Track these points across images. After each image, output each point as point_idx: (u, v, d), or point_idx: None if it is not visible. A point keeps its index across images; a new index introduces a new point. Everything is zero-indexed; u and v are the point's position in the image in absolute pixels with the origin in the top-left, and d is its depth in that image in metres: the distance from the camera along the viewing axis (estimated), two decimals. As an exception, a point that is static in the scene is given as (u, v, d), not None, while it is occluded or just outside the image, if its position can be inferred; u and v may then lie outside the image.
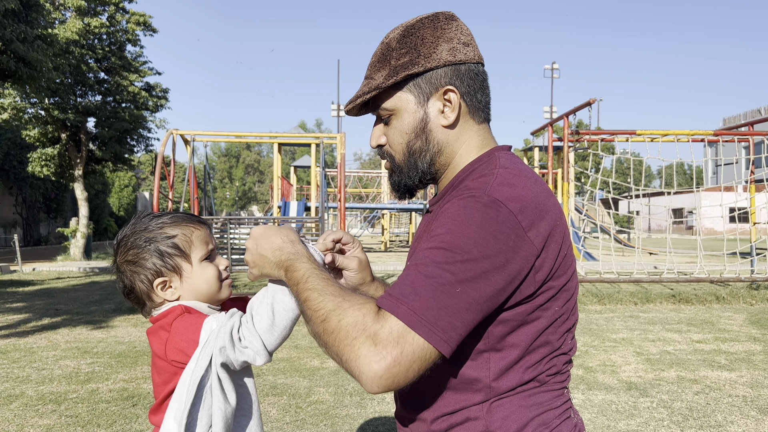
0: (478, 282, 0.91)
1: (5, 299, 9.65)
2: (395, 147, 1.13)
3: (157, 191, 8.90)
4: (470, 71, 1.09)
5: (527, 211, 0.96)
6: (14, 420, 3.86)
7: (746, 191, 19.42)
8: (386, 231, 27.18)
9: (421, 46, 1.07)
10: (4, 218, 28.34)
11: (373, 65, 1.12)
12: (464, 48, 1.09)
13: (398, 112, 1.10)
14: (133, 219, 1.29)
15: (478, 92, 1.11)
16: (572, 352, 1.10)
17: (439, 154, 1.11)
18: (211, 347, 1.13)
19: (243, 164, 72.92)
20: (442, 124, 1.09)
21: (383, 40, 1.13)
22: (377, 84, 1.09)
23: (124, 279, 1.26)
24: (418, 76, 1.08)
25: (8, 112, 16.22)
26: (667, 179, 57.73)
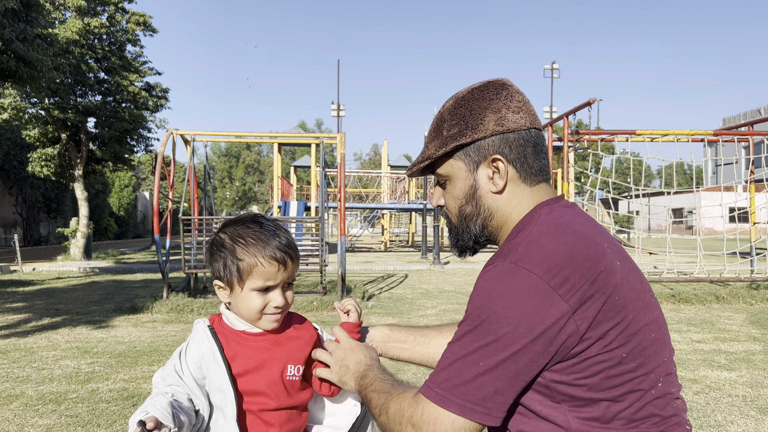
0: (501, 353, 0.96)
1: (5, 299, 9.65)
2: (450, 210, 1.22)
3: (157, 191, 8.90)
4: (520, 138, 1.13)
5: (555, 268, 0.96)
6: (14, 420, 3.86)
7: (746, 191, 19.42)
8: (386, 231, 27.18)
9: (469, 118, 1.13)
10: (4, 218, 28.33)
11: (430, 134, 1.21)
12: (513, 116, 1.12)
13: (451, 178, 1.18)
14: (248, 217, 1.35)
15: (530, 157, 1.14)
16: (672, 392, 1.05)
17: (491, 218, 1.17)
18: None
19: (243, 164, 72.91)
20: (492, 191, 1.15)
21: (440, 109, 1.21)
22: (429, 154, 1.18)
23: (206, 257, 1.36)
24: (466, 146, 1.14)
25: (8, 112, 16.21)
26: (667, 179, 57.73)
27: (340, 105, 34.29)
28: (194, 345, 1.28)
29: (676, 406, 1.05)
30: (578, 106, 9.47)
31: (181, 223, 8.74)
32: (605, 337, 0.97)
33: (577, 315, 0.95)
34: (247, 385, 1.27)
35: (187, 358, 1.27)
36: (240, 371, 1.27)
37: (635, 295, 1.02)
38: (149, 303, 8.39)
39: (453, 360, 0.99)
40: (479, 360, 0.96)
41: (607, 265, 1.00)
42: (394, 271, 15.50)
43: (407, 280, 12.98)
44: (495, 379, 0.96)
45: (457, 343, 1.00)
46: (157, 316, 7.95)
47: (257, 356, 1.29)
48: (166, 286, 8.93)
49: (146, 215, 44.98)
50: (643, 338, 1.01)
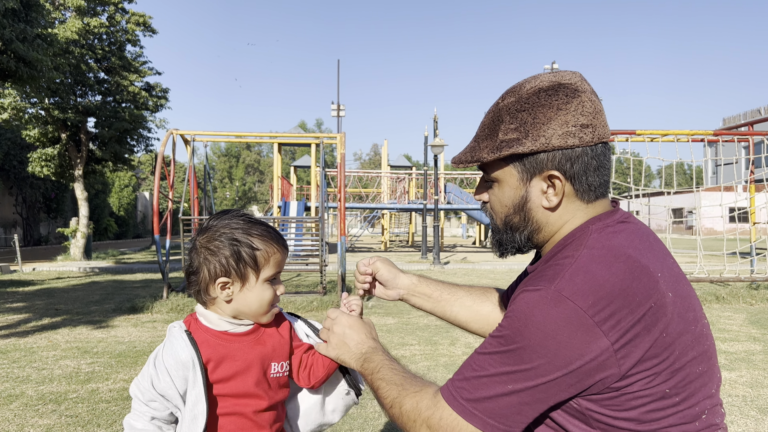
0: (531, 381, 0.93)
1: (5, 299, 9.65)
2: (496, 212, 1.15)
3: (157, 191, 8.90)
4: (584, 154, 1.02)
5: (602, 302, 0.91)
6: (14, 420, 3.86)
7: (746, 191, 19.43)
8: (386, 231, 27.18)
9: (531, 126, 1.02)
10: (4, 218, 28.33)
11: (483, 129, 1.11)
12: (580, 132, 1.02)
13: (501, 182, 1.09)
14: (229, 212, 1.31)
15: (591, 174, 1.04)
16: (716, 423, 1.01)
17: (538, 231, 1.10)
18: None
19: (243, 164, 72.92)
20: (543, 206, 1.07)
21: (498, 102, 1.09)
22: (480, 156, 1.08)
23: (196, 259, 1.28)
24: (523, 156, 1.04)
25: (8, 112, 16.21)
26: (667, 179, 57.72)
27: (340, 105, 34.29)
28: (173, 353, 1.22)
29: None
30: (578, 106, 9.45)
31: (181, 223, 8.74)
32: (648, 374, 0.93)
33: (620, 353, 0.91)
34: (236, 387, 1.25)
35: (167, 367, 1.21)
36: (228, 374, 1.24)
37: (685, 327, 0.97)
38: (149, 303, 8.39)
39: (481, 375, 0.97)
40: (508, 383, 0.94)
41: (658, 299, 0.94)
42: (394, 271, 15.48)
43: (407, 280, 12.95)
44: (521, 403, 0.94)
45: (487, 358, 0.97)
46: (157, 316, 7.95)
47: (244, 357, 1.27)
48: (166, 286, 8.93)
49: (146, 215, 44.99)
50: (689, 372, 0.96)
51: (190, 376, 1.21)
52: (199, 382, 1.20)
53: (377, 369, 1.17)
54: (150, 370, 1.23)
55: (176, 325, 1.27)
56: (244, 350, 1.27)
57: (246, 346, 1.27)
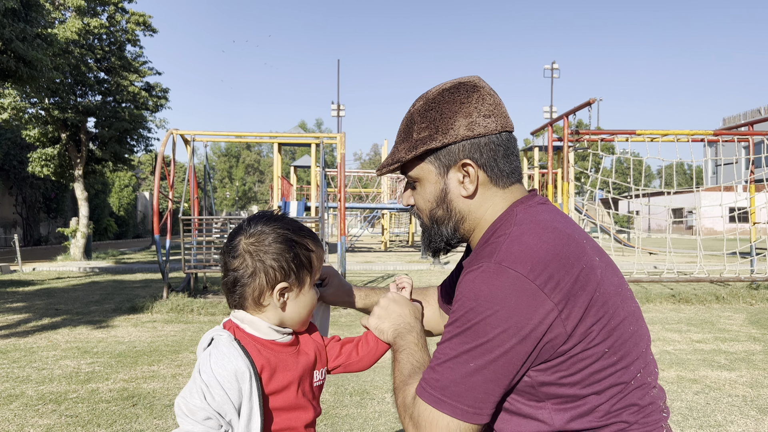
0: (490, 353, 0.96)
1: (5, 299, 9.65)
2: (421, 211, 1.21)
3: (157, 191, 8.90)
4: (490, 143, 1.11)
5: (539, 266, 0.97)
6: (14, 420, 3.86)
7: (746, 191, 19.42)
8: (386, 231, 27.17)
9: (439, 122, 1.11)
10: (4, 218, 28.33)
11: (399, 135, 1.19)
12: (484, 120, 1.11)
13: (421, 180, 1.17)
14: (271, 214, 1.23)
15: (500, 161, 1.13)
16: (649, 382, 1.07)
17: (462, 221, 1.17)
18: None
19: (243, 164, 72.90)
20: (462, 195, 1.14)
21: (409, 109, 1.18)
22: (399, 157, 1.16)
23: (248, 263, 1.16)
24: (436, 150, 1.13)
25: (8, 111, 16.21)
26: (667, 179, 57.73)
27: (340, 105, 34.29)
28: (224, 363, 1.10)
29: (653, 395, 1.07)
30: (578, 106, 9.47)
31: (181, 223, 8.74)
32: (589, 333, 0.98)
33: (563, 313, 0.96)
34: (288, 400, 1.17)
35: (219, 380, 1.09)
36: (282, 385, 1.17)
37: (614, 289, 1.04)
38: (149, 303, 8.39)
39: (443, 360, 1.00)
40: (470, 361, 0.97)
41: (587, 261, 1.01)
42: (394, 271, 15.50)
43: (407, 280, 12.96)
44: (486, 380, 0.97)
45: (447, 344, 1.01)
46: (157, 316, 7.95)
47: (294, 367, 1.20)
48: (166, 286, 8.93)
49: (146, 215, 44.98)
50: (623, 332, 1.03)
51: (245, 388, 1.10)
52: (255, 395, 1.11)
53: (402, 348, 1.20)
54: (200, 385, 1.09)
55: (223, 334, 1.15)
56: (292, 360, 1.20)
57: (292, 357, 1.21)
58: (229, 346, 1.12)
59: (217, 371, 1.09)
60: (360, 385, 4.65)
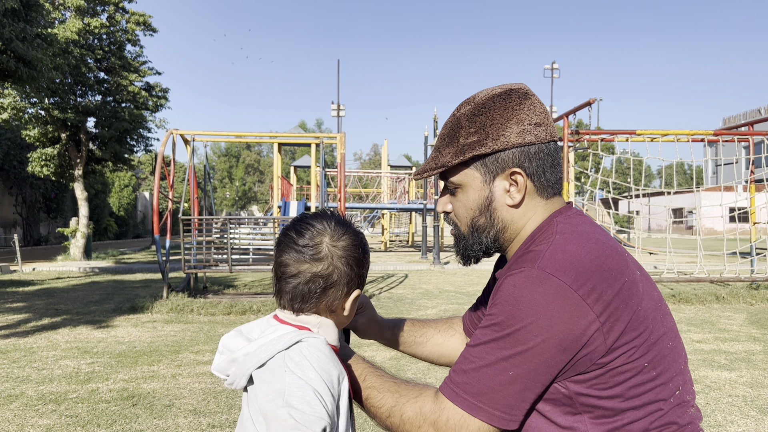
0: (530, 362, 0.95)
1: (5, 299, 9.65)
2: (460, 218, 1.17)
3: (157, 191, 8.90)
4: (540, 152, 1.10)
5: (583, 277, 0.95)
6: (14, 420, 3.86)
7: (746, 191, 19.42)
8: (386, 231, 27.17)
9: (490, 128, 1.08)
10: (4, 218, 28.33)
11: (443, 138, 1.15)
12: (535, 129, 1.09)
13: (464, 187, 1.13)
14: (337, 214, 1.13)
15: (548, 171, 1.11)
16: (688, 400, 1.06)
17: (504, 231, 1.14)
18: None
19: (243, 164, 72.92)
20: (507, 204, 1.12)
21: (454, 113, 1.15)
22: (444, 162, 1.12)
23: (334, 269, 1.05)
24: (485, 157, 1.10)
25: (8, 111, 16.21)
26: (667, 179, 57.75)
27: (340, 105, 34.29)
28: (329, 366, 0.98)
29: (691, 414, 1.05)
30: (578, 106, 9.47)
31: (181, 223, 8.75)
32: (630, 347, 0.98)
33: (605, 326, 0.95)
34: None
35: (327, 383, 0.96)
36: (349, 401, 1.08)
37: (654, 304, 1.03)
38: (149, 303, 8.39)
39: (480, 366, 0.98)
40: (508, 369, 0.95)
41: (630, 276, 1.00)
42: (394, 271, 15.50)
43: (407, 280, 12.97)
44: (524, 388, 0.96)
45: (483, 347, 0.98)
46: (157, 316, 7.95)
47: None
48: (166, 286, 8.93)
49: (146, 215, 44.99)
50: (662, 347, 1.02)
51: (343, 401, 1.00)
52: (347, 412, 1.01)
53: (362, 377, 1.11)
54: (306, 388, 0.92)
55: (317, 336, 1.03)
56: None
57: None
58: (329, 352, 1.00)
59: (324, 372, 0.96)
60: (360, 385, 4.65)
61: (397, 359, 5.50)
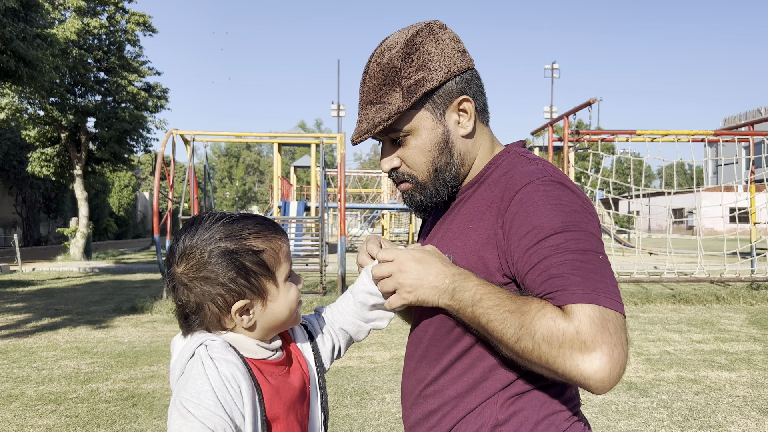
0: (602, 247, 0.96)
1: (5, 299, 9.64)
2: (417, 166, 1.10)
3: (157, 191, 8.90)
4: (474, 76, 1.10)
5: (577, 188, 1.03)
6: (14, 420, 3.86)
7: (746, 191, 19.41)
8: (386, 231, 27.18)
9: (430, 61, 1.05)
10: (4, 218, 28.33)
11: (377, 89, 1.06)
12: (464, 55, 1.08)
13: (416, 131, 1.07)
14: (200, 221, 1.01)
15: (482, 94, 1.12)
16: None
17: (462, 164, 1.11)
18: None
19: (243, 164, 72.93)
20: (462, 135, 1.09)
21: (377, 60, 1.07)
22: (396, 108, 1.04)
23: (189, 296, 0.98)
24: (434, 93, 1.06)
25: (6, 111, 16.21)
26: (667, 179, 57.76)
27: (340, 105, 34.31)
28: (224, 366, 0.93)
29: None
30: (578, 106, 9.47)
31: (181, 223, 8.74)
32: None
33: None
34: (283, 428, 1.00)
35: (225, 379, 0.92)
36: (280, 412, 1.00)
37: None
38: (149, 303, 8.39)
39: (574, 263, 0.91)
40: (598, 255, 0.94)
41: None
42: (394, 271, 15.49)
43: (407, 280, 12.95)
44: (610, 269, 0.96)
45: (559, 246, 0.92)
46: (156, 316, 7.95)
47: (290, 390, 1.03)
48: (166, 286, 8.92)
49: (146, 215, 44.99)
50: None
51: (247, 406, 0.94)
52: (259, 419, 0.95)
53: (477, 299, 0.95)
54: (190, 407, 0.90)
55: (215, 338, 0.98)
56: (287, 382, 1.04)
57: (285, 377, 1.04)
58: (226, 351, 0.95)
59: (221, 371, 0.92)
60: (360, 385, 4.65)
61: (398, 359, 5.50)
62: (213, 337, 0.97)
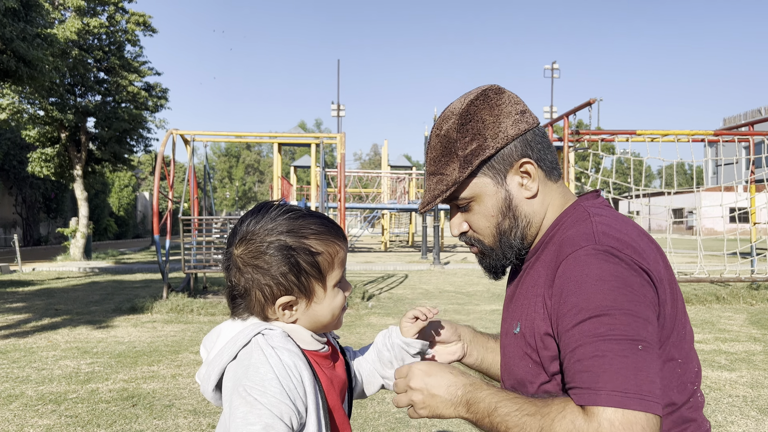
0: (646, 331, 0.90)
1: (5, 299, 9.64)
2: (482, 231, 1.12)
3: (157, 191, 8.90)
4: (536, 136, 1.10)
5: (638, 255, 0.95)
6: (14, 420, 3.86)
7: (746, 191, 19.42)
8: (386, 231, 27.18)
9: (484, 129, 1.07)
10: (4, 218, 28.33)
11: (437, 160, 1.11)
12: (523, 117, 1.09)
13: (478, 197, 1.10)
14: (268, 209, 1.04)
15: (548, 153, 1.11)
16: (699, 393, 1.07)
17: (529, 226, 1.11)
18: None
19: (243, 164, 72.93)
20: (526, 197, 1.10)
21: (436, 132, 1.12)
22: (454, 179, 1.08)
23: (240, 279, 1.02)
24: (490, 159, 1.07)
25: (6, 111, 16.20)
26: (667, 179, 57.76)
27: (340, 105, 34.31)
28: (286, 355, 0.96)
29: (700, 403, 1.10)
30: (578, 106, 9.47)
31: (181, 223, 8.74)
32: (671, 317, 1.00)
33: (661, 296, 0.97)
34: (339, 418, 1.05)
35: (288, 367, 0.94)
36: (335, 402, 1.04)
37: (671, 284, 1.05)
38: (149, 303, 8.38)
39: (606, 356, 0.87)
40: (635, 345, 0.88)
41: (664, 259, 1.03)
42: (394, 271, 15.50)
43: (407, 280, 12.97)
44: (653, 359, 0.89)
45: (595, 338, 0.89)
46: (157, 316, 7.95)
47: (339, 382, 1.07)
48: (166, 286, 8.93)
49: (146, 215, 44.98)
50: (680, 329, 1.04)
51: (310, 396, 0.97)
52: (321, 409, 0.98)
53: (492, 408, 0.97)
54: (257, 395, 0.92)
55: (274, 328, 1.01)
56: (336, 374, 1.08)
57: (333, 370, 1.08)
58: (286, 341, 0.98)
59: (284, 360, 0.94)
60: (360, 385, 4.65)
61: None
62: (271, 326, 1.00)
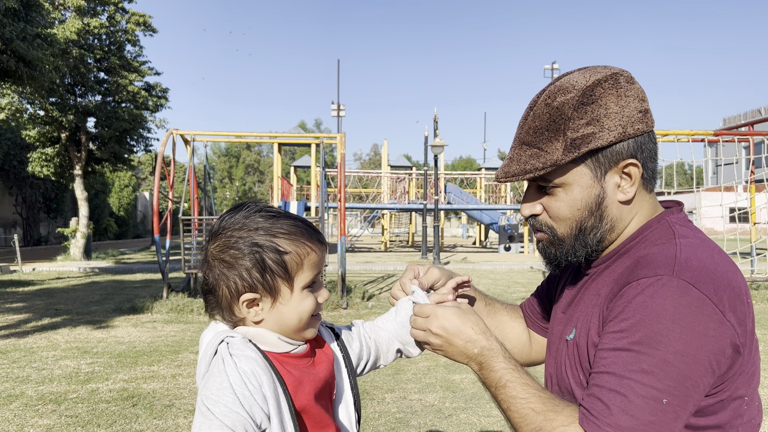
0: (683, 386, 0.84)
1: (5, 299, 9.64)
2: (561, 220, 1.03)
3: (157, 191, 8.90)
4: (650, 140, 1.00)
5: (721, 290, 0.87)
6: (14, 420, 3.86)
7: (746, 191, 19.42)
8: (386, 231, 27.19)
9: (605, 117, 0.96)
10: (4, 218, 28.34)
11: (538, 132, 1.00)
12: (645, 116, 0.99)
13: (568, 185, 1.00)
14: (243, 207, 1.04)
15: (653, 161, 1.02)
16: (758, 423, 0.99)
17: (611, 230, 1.02)
18: None
19: (243, 164, 72.97)
20: (619, 200, 1.00)
21: (546, 101, 1.00)
22: (554, 159, 0.97)
23: (209, 274, 1.03)
24: (600, 151, 0.97)
25: (5, 111, 16.20)
26: (667, 179, 57.58)
27: (340, 105, 34.32)
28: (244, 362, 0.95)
29: None
30: (578, 106, 9.46)
31: (181, 223, 8.74)
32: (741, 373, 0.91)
33: (740, 340, 0.88)
34: (314, 417, 1.03)
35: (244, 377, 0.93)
36: (308, 401, 1.02)
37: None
38: (149, 303, 8.39)
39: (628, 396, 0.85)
40: (661, 396, 0.84)
41: (748, 292, 0.94)
42: (394, 271, 15.50)
43: (407, 280, 12.95)
44: (676, 417, 0.85)
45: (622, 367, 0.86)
46: (157, 316, 7.95)
47: (316, 380, 1.04)
48: (166, 286, 8.93)
49: (146, 215, 44.99)
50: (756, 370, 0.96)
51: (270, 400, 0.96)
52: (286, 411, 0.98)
53: (502, 384, 0.97)
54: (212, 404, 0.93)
55: (234, 335, 1.01)
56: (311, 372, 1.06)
57: (309, 368, 1.06)
58: (245, 347, 0.97)
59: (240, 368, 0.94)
60: (360, 385, 4.65)
61: (397, 359, 5.50)
62: (233, 333, 1.00)
